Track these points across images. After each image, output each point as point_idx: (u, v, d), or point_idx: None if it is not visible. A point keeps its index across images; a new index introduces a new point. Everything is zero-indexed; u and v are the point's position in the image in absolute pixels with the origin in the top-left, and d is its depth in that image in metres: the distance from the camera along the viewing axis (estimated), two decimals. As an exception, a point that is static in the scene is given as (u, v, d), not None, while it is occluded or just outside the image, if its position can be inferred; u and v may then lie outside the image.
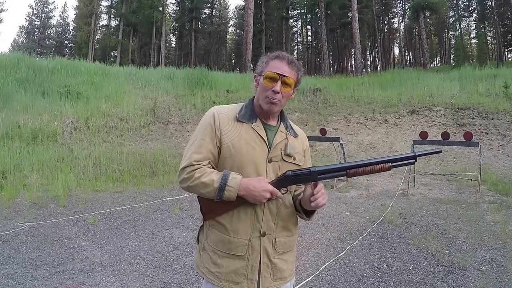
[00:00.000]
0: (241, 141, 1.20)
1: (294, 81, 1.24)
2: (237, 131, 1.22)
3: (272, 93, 1.20)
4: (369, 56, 49.77)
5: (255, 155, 1.21)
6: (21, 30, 52.29)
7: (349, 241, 3.76)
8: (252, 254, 1.20)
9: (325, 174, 1.18)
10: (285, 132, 1.29)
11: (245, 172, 1.19)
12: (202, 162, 1.19)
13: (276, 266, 1.24)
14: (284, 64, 1.22)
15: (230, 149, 1.20)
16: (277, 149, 1.24)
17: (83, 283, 2.77)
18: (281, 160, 1.24)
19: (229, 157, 1.20)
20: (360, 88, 14.20)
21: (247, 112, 1.26)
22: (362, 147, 10.47)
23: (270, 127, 1.27)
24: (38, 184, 6.05)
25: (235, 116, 1.24)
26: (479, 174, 5.96)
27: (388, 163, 1.18)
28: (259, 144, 1.22)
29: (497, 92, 11.12)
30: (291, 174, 1.17)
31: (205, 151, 1.20)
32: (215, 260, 1.21)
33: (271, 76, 1.20)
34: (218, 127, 1.21)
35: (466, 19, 44.71)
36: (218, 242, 1.21)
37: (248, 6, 16.32)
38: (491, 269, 3.03)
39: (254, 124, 1.24)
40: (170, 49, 52.20)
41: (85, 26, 35.65)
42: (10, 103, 8.81)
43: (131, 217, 4.61)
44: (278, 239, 1.24)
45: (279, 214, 1.24)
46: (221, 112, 1.25)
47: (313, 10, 38.74)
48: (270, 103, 1.21)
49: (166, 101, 11.52)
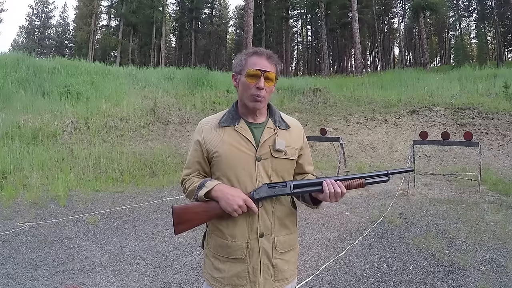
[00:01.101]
0: (224, 146, 1.22)
1: (275, 75, 1.23)
2: (219, 137, 1.24)
3: (256, 90, 1.19)
4: (369, 56, 49.77)
5: (241, 155, 1.21)
6: (21, 30, 52.35)
7: (349, 241, 3.76)
8: (252, 256, 1.19)
9: (301, 188, 1.19)
10: (273, 127, 1.27)
11: (235, 174, 1.20)
12: (191, 175, 1.29)
13: (277, 267, 1.22)
14: (264, 59, 1.21)
15: (216, 155, 1.22)
16: (265, 146, 1.22)
17: (83, 283, 2.77)
18: (270, 157, 1.23)
19: (217, 163, 1.23)
20: (360, 88, 14.19)
21: (229, 116, 1.27)
22: (362, 147, 10.47)
23: (256, 126, 1.26)
24: (38, 184, 6.04)
25: (217, 123, 1.27)
26: (479, 174, 5.96)
27: (362, 179, 1.20)
28: (245, 144, 1.22)
29: (497, 92, 11.12)
30: (267, 186, 1.18)
31: (192, 166, 1.30)
32: (216, 265, 1.22)
33: (253, 73, 1.19)
34: (202, 139, 1.26)
35: (466, 19, 44.75)
36: (218, 247, 1.22)
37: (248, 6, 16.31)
38: (491, 269, 3.02)
39: (237, 126, 1.24)
40: (170, 49, 52.22)
41: (85, 26, 35.67)
42: (10, 103, 8.81)
43: (131, 217, 4.61)
44: (278, 238, 1.22)
45: (274, 212, 1.22)
46: (205, 124, 1.30)
47: (313, 10, 38.74)
48: (256, 101, 1.21)
49: (166, 101, 11.52)
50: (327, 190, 1.15)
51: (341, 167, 6.80)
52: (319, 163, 8.96)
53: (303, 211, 4.90)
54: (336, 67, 44.26)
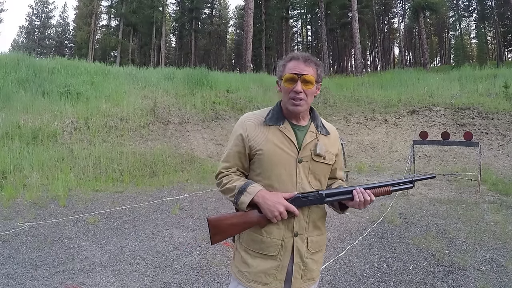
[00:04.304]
0: (268, 144, 1.23)
1: (314, 77, 1.24)
2: (264, 135, 1.25)
3: (294, 94, 1.21)
4: (369, 56, 49.77)
5: (284, 156, 1.23)
6: (21, 30, 52.35)
7: (349, 241, 3.76)
8: (284, 254, 1.21)
9: (332, 197, 1.24)
10: (315, 132, 1.30)
11: (275, 173, 1.22)
12: (230, 169, 1.28)
13: (307, 266, 1.25)
14: (301, 63, 1.23)
15: (259, 153, 1.23)
16: (307, 149, 1.25)
17: (83, 283, 2.77)
18: (311, 160, 1.26)
19: (259, 160, 1.24)
20: (360, 88, 14.20)
21: (274, 115, 1.28)
22: (362, 147, 10.47)
23: (299, 128, 1.29)
24: (38, 184, 6.04)
25: (262, 120, 1.28)
26: (479, 174, 5.96)
27: (389, 187, 1.27)
28: (288, 145, 1.24)
29: (497, 92, 11.12)
30: (301, 196, 1.20)
31: (232, 160, 1.29)
32: (246, 259, 1.24)
33: (290, 77, 1.22)
34: (246, 135, 1.26)
35: (466, 19, 44.74)
36: (250, 241, 1.23)
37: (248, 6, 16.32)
38: (491, 269, 3.02)
39: (282, 126, 1.26)
40: (170, 49, 52.20)
41: (85, 26, 35.67)
42: (10, 103, 8.81)
43: (131, 217, 4.61)
44: (310, 238, 1.26)
45: (310, 213, 1.25)
46: (248, 120, 1.30)
47: (313, 10, 38.76)
48: (294, 105, 1.23)
49: (166, 101, 11.52)
50: (357, 199, 1.21)
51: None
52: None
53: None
54: (336, 67, 44.26)
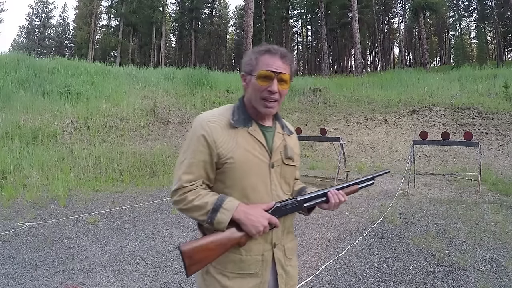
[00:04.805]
0: (239, 151, 1.07)
1: (290, 77, 1.11)
2: (233, 140, 1.07)
3: (268, 94, 1.07)
4: (369, 56, 49.77)
5: (256, 162, 1.09)
6: (21, 30, 52.39)
7: (349, 241, 3.76)
8: (266, 269, 1.11)
9: (309, 202, 1.17)
10: (282, 133, 1.19)
11: (250, 183, 1.08)
12: (195, 182, 1.06)
13: (289, 274, 1.19)
14: (277, 59, 1.08)
15: (230, 161, 1.06)
16: (277, 152, 1.14)
17: (83, 283, 2.77)
18: (282, 164, 1.15)
19: (230, 170, 1.06)
20: (360, 88, 14.20)
21: (241, 116, 1.11)
22: (362, 147, 10.47)
23: (267, 129, 1.15)
24: (38, 184, 6.05)
25: (228, 122, 1.09)
26: (479, 174, 5.96)
27: (357, 185, 1.27)
28: (259, 150, 1.10)
29: (497, 92, 11.12)
30: (281, 206, 1.11)
31: (196, 170, 1.06)
32: (223, 282, 1.08)
33: (266, 75, 1.06)
34: (212, 140, 1.06)
35: (466, 19, 44.77)
36: (228, 263, 1.08)
37: (248, 6, 16.31)
38: (491, 269, 3.02)
39: (251, 129, 1.10)
40: (170, 49, 52.22)
41: (85, 26, 35.70)
42: (10, 103, 8.81)
43: (131, 217, 4.61)
44: (287, 246, 1.19)
45: (285, 220, 1.16)
46: (211, 122, 1.08)
47: (313, 10, 38.77)
48: (266, 106, 1.09)
49: (166, 101, 11.53)
50: (333, 201, 1.16)
51: (341, 167, 6.80)
52: (319, 163, 8.96)
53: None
54: (336, 67, 44.26)
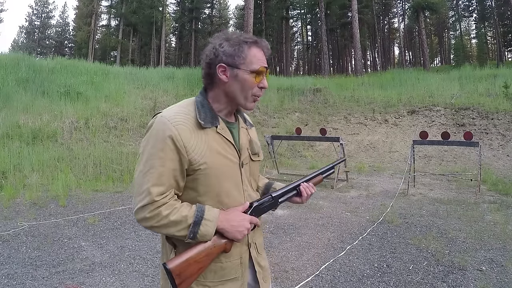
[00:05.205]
0: (212, 154, 0.97)
1: None
2: (204, 143, 0.96)
3: (259, 91, 1.03)
4: (369, 56, 49.79)
5: (228, 164, 1.01)
6: (21, 30, 52.38)
7: (349, 241, 3.76)
8: (245, 270, 1.07)
9: (283, 197, 1.16)
10: (245, 127, 1.13)
11: (224, 188, 1.00)
12: (167, 194, 0.93)
13: (264, 268, 1.17)
14: (263, 53, 1.04)
15: (203, 167, 0.96)
16: (244, 150, 1.07)
17: (83, 283, 2.77)
18: (250, 161, 1.10)
19: (203, 176, 0.96)
20: (360, 88, 14.20)
21: (208, 114, 1.00)
22: (362, 147, 10.47)
23: (232, 126, 1.07)
24: (38, 184, 6.05)
25: (196, 122, 0.97)
26: (479, 174, 5.96)
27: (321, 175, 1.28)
28: (229, 150, 1.02)
29: (497, 92, 11.12)
30: (258, 205, 1.06)
31: (167, 181, 0.93)
32: None
33: (263, 71, 1.02)
34: (182, 145, 0.93)
35: (466, 19, 44.79)
36: (208, 273, 1.00)
37: (248, 6, 16.30)
38: (491, 269, 3.02)
39: (219, 128, 1.01)
40: (170, 49, 52.22)
41: (85, 26, 35.71)
42: (10, 103, 8.81)
43: (131, 217, 4.60)
44: (257, 242, 1.15)
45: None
46: (177, 123, 0.94)
47: (313, 10, 38.82)
48: (254, 101, 1.05)
49: (166, 101, 11.52)
50: (305, 194, 1.17)
51: (340, 167, 6.80)
52: (319, 163, 8.96)
53: (303, 211, 4.90)
54: (336, 67, 44.27)
